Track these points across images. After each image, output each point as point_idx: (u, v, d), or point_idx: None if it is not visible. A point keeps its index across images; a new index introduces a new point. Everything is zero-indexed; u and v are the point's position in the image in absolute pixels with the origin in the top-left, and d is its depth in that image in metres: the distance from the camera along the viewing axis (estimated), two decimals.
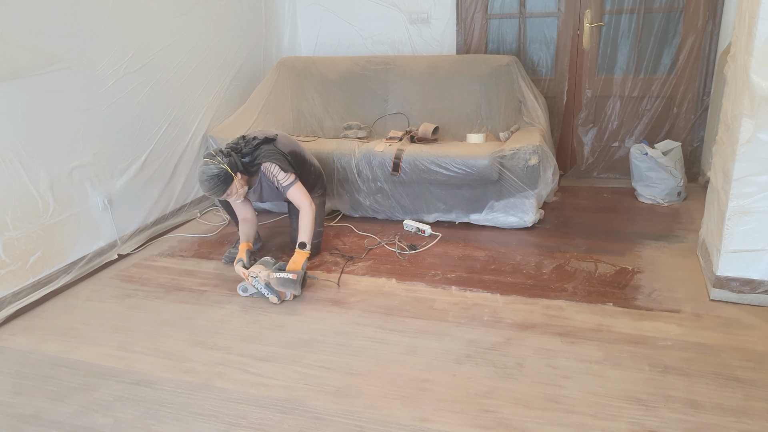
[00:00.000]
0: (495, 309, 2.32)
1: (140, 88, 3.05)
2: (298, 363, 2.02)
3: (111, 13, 2.82)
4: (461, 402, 1.77)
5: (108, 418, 1.78)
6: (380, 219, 3.41)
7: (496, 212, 3.14)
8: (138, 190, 3.10)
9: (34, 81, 2.45)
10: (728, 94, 2.35)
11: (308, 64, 3.99)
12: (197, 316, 2.37)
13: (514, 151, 2.98)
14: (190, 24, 3.38)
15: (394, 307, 2.37)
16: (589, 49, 3.75)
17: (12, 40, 2.34)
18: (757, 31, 1.97)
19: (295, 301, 2.46)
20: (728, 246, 2.23)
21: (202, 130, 3.57)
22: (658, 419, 1.66)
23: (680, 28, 3.55)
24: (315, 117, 3.96)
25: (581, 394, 1.79)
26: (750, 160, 2.09)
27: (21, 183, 2.44)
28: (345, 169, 3.28)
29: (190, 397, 1.86)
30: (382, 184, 3.26)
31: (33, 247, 2.51)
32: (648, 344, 2.03)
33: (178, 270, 2.82)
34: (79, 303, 2.54)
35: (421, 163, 3.09)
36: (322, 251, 2.95)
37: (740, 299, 2.27)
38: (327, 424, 1.71)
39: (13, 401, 1.89)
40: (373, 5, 4.06)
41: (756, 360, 1.91)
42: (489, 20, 3.90)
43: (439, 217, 3.27)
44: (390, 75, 3.82)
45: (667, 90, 3.69)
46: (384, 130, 3.76)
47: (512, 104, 3.55)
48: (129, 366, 2.05)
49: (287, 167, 2.63)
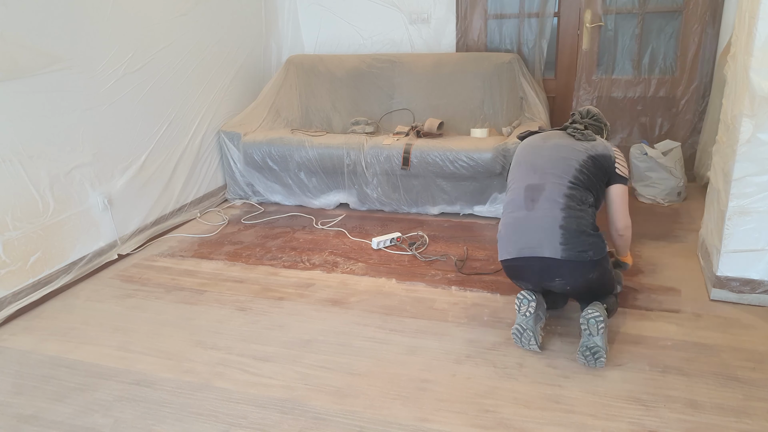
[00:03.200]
0: (495, 309, 2.32)
1: (140, 88, 3.05)
2: (298, 363, 2.02)
3: (111, 13, 2.82)
4: (461, 402, 1.77)
5: (108, 418, 1.78)
6: (386, 211, 3.49)
7: (500, 204, 3.25)
8: (138, 190, 3.10)
9: (34, 81, 2.45)
10: (728, 94, 2.35)
11: (316, 61, 4.05)
12: (197, 316, 2.37)
13: (516, 145, 3.06)
14: (190, 24, 3.38)
15: (394, 307, 2.37)
16: (589, 49, 3.75)
17: (12, 40, 2.34)
18: (757, 31, 1.97)
19: (296, 301, 2.46)
20: (728, 246, 2.23)
21: (202, 130, 3.57)
22: (658, 419, 1.66)
23: (680, 28, 3.55)
24: (323, 113, 4.04)
25: (581, 394, 1.79)
26: (750, 160, 2.09)
27: (21, 183, 2.44)
28: (354, 163, 3.37)
29: (190, 397, 1.86)
30: (390, 177, 3.35)
31: (33, 247, 2.51)
32: (648, 344, 2.03)
33: (178, 270, 2.82)
34: (79, 303, 2.54)
35: (428, 156, 3.20)
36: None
37: (740, 299, 2.27)
38: (327, 424, 1.71)
39: (13, 401, 1.89)
40: (373, 5, 4.06)
41: (756, 360, 1.91)
42: (488, 20, 3.90)
43: (444, 208, 3.38)
44: (396, 72, 3.89)
45: (667, 90, 3.69)
46: (390, 125, 3.86)
47: (514, 100, 3.65)
48: (129, 366, 2.05)
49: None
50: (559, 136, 2.16)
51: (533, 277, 2.01)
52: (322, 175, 3.49)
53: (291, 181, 3.58)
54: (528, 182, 2.06)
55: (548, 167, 2.05)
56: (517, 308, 2.00)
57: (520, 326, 1.99)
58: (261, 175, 3.63)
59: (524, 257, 1.98)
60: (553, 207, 1.96)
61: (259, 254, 2.96)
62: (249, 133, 3.61)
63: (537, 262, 1.95)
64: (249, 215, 3.55)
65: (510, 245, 2.03)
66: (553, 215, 1.95)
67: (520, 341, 2.00)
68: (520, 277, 2.05)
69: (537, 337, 1.96)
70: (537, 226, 1.96)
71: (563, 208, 1.95)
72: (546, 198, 1.99)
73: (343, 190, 3.52)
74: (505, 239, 2.05)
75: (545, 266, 1.94)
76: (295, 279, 2.67)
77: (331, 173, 3.47)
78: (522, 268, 2.00)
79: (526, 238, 1.98)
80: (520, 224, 2.01)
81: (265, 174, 3.62)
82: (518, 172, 2.15)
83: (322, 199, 3.58)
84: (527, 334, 1.97)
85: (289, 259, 2.88)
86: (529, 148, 2.18)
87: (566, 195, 1.97)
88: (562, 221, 1.93)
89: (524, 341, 1.99)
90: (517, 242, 2.00)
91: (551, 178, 2.02)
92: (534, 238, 1.96)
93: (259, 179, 3.66)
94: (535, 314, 1.97)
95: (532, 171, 2.08)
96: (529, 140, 2.24)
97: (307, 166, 3.45)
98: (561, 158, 2.06)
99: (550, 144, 2.13)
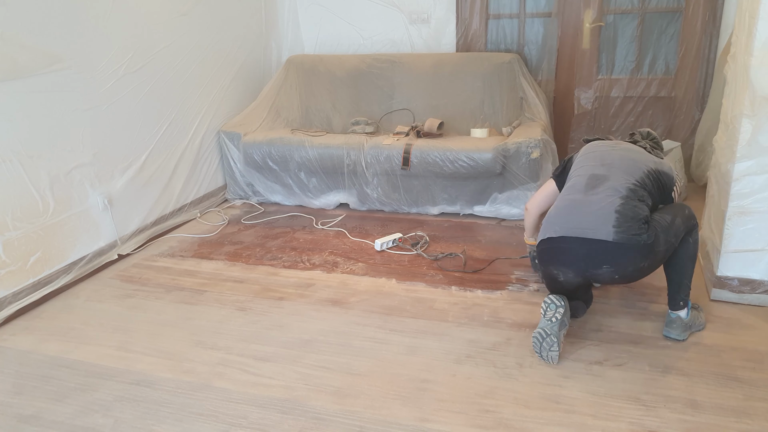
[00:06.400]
0: (495, 309, 2.32)
1: (140, 88, 3.05)
2: (298, 363, 2.02)
3: (111, 13, 2.82)
4: (461, 402, 1.77)
5: (108, 418, 1.78)
6: (386, 211, 3.49)
7: (499, 204, 3.25)
8: (138, 190, 3.10)
9: (34, 81, 2.45)
10: (728, 94, 2.35)
11: (316, 61, 4.05)
12: (197, 316, 2.37)
13: (516, 145, 3.09)
14: (190, 24, 3.38)
15: (394, 307, 2.37)
16: (589, 49, 3.75)
17: (12, 40, 2.34)
18: (757, 31, 1.97)
19: (296, 302, 2.46)
20: (728, 246, 2.23)
21: (202, 130, 3.57)
22: (658, 419, 1.66)
23: (680, 28, 3.55)
24: (323, 113, 4.04)
25: (581, 394, 1.79)
26: (750, 160, 2.09)
27: (21, 183, 2.44)
28: (354, 163, 3.37)
29: (190, 397, 1.86)
30: (390, 177, 3.36)
31: (33, 247, 2.51)
32: (648, 344, 2.03)
33: (178, 270, 2.82)
34: (79, 303, 2.54)
35: (428, 156, 3.20)
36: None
37: (740, 299, 2.27)
38: (327, 424, 1.71)
39: (13, 401, 1.89)
40: (373, 5, 4.06)
41: (756, 360, 1.91)
42: (489, 20, 3.90)
43: (444, 208, 3.38)
44: (396, 72, 3.90)
45: (667, 90, 3.68)
46: (390, 125, 3.86)
47: (514, 100, 3.66)
48: (129, 366, 2.05)
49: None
50: (629, 145, 2.15)
51: (576, 263, 1.88)
52: (322, 175, 3.49)
53: (291, 181, 3.58)
54: (593, 172, 2.01)
55: (617, 163, 2.00)
56: (543, 312, 1.92)
57: (543, 330, 1.89)
58: (261, 175, 3.64)
59: (571, 237, 1.87)
60: (613, 194, 1.89)
61: (259, 254, 2.96)
62: (249, 133, 3.62)
63: (584, 246, 1.85)
64: (249, 215, 3.55)
65: (557, 224, 1.92)
66: (611, 201, 1.87)
67: (540, 347, 1.91)
68: (560, 261, 1.91)
69: (559, 344, 1.89)
70: (592, 210, 1.88)
71: (623, 197, 1.88)
72: (608, 186, 1.92)
73: (343, 190, 3.52)
74: (554, 219, 1.95)
75: (593, 251, 1.84)
76: (295, 279, 2.67)
77: (331, 173, 3.47)
78: (565, 251, 1.89)
79: (578, 218, 1.89)
80: (575, 206, 1.93)
81: (265, 174, 3.62)
82: (584, 163, 2.09)
83: (322, 199, 3.58)
84: (550, 339, 1.88)
85: (289, 259, 2.88)
86: (598, 147, 2.14)
87: (629, 189, 1.90)
88: (619, 207, 1.85)
89: (545, 346, 1.90)
90: (568, 222, 1.90)
91: (618, 172, 1.97)
92: (587, 221, 1.86)
93: (259, 179, 3.66)
94: (561, 320, 1.90)
95: (600, 164, 2.03)
96: (596, 143, 2.21)
97: (307, 166, 3.46)
98: (631, 159, 2.02)
99: (621, 147, 2.11)
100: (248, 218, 3.50)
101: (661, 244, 1.85)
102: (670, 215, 1.92)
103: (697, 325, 2.08)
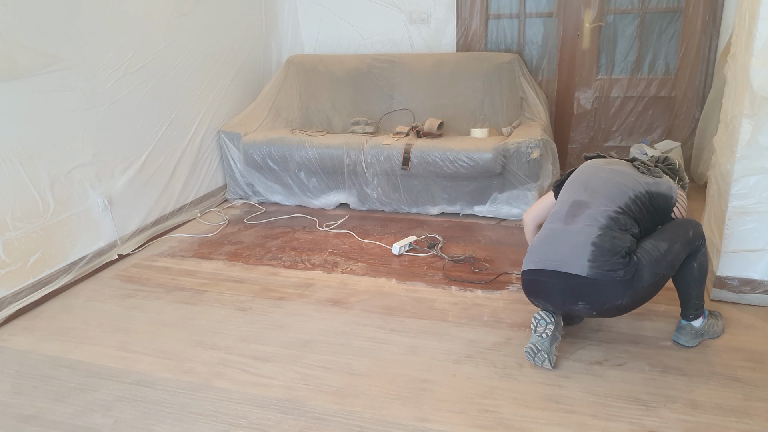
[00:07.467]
0: (495, 309, 2.32)
1: (140, 88, 3.05)
2: (298, 363, 2.02)
3: (111, 13, 2.82)
4: (461, 402, 1.77)
5: (108, 418, 1.78)
6: (386, 211, 3.49)
7: (499, 204, 3.26)
8: (138, 190, 3.10)
9: (34, 81, 2.45)
10: (728, 94, 2.35)
11: (316, 61, 4.06)
12: (197, 316, 2.37)
13: (516, 145, 3.09)
14: (190, 24, 3.38)
15: (394, 307, 2.37)
16: (589, 49, 3.75)
17: (12, 40, 2.34)
18: (757, 31, 1.97)
19: (296, 302, 2.46)
20: (728, 246, 2.23)
21: (202, 130, 3.57)
22: (658, 419, 1.66)
23: (680, 28, 3.55)
24: (323, 113, 4.04)
25: (581, 394, 1.79)
26: (750, 160, 2.09)
27: (21, 183, 2.44)
28: (354, 163, 3.37)
29: (190, 397, 1.86)
30: (390, 177, 3.36)
31: (33, 247, 2.51)
32: (648, 344, 2.03)
33: (178, 270, 2.82)
34: (79, 303, 2.54)
35: (428, 156, 3.20)
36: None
37: (740, 299, 2.27)
38: (327, 424, 1.71)
39: (13, 401, 1.89)
40: (373, 5, 4.06)
41: (756, 360, 1.91)
42: (489, 20, 3.90)
43: (444, 208, 3.39)
44: (396, 72, 3.90)
45: (667, 90, 3.69)
46: (390, 125, 3.87)
47: (514, 100, 3.66)
48: (129, 366, 2.05)
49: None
50: (622, 165, 2.06)
51: (554, 297, 1.85)
52: (322, 175, 3.49)
53: (291, 181, 3.58)
54: (575, 198, 1.95)
55: (601, 189, 1.93)
56: (533, 328, 1.91)
57: (534, 346, 1.90)
58: (261, 175, 3.64)
59: (547, 270, 1.83)
60: (592, 224, 1.83)
61: (259, 254, 2.96)
62: (249, 133, 3.62)
63: (560, 280, 1.81)
64: (249, 215, 3.55)
65: (536, 255, 1.89)
66: (588, 231, 1.81)
67: (533, 360, 1.92)
68: (539, 295, 1.90)
69: (551, 358, 1.89)
70: (569, 240, 1.83)
71: (602, 227, 1.81)
72: (588, 215, 1.86)
73: (343, 190, 3.52)
74: (535, 249, 1.92)
75: (568, 286, 1.80)
76: (295, 279, 2.67)
77: (331, 173, 3.47)
78: (544, 284, 1.86)
79: (555, 250, 1.84)
80: (554, 236, 1.89)
81: (265, 174, 3.62)
82: (570, 188, 2.04)
83: (323, 199, 3.58)
84: (541, 355, 1.89)
85: (289, 259, 2.88)
86: (589, 168, 2.08)
87: (610, 217, 1.83)
88: (596, 238, 1.78)
89: (537, 360, 1.91)
90: (547, 254, 1.86)
91: (600, 198, 1.89)
92: (562, 252, 1.82)
93: (259, 179, 3.66)
94: (551, 336, 1.90)
95: (583, 189, 1.97)
96: (592, 161, 2.15)
97: (307, 166, 3.46)
98: (617, 183, 1.94)
99: (611, 168, 2.02)
100: (248, 218, 3.50)
101: (645, 279, 1.77)
102: (668, 242, 1.84)
103: (711, 333, 2.03)
